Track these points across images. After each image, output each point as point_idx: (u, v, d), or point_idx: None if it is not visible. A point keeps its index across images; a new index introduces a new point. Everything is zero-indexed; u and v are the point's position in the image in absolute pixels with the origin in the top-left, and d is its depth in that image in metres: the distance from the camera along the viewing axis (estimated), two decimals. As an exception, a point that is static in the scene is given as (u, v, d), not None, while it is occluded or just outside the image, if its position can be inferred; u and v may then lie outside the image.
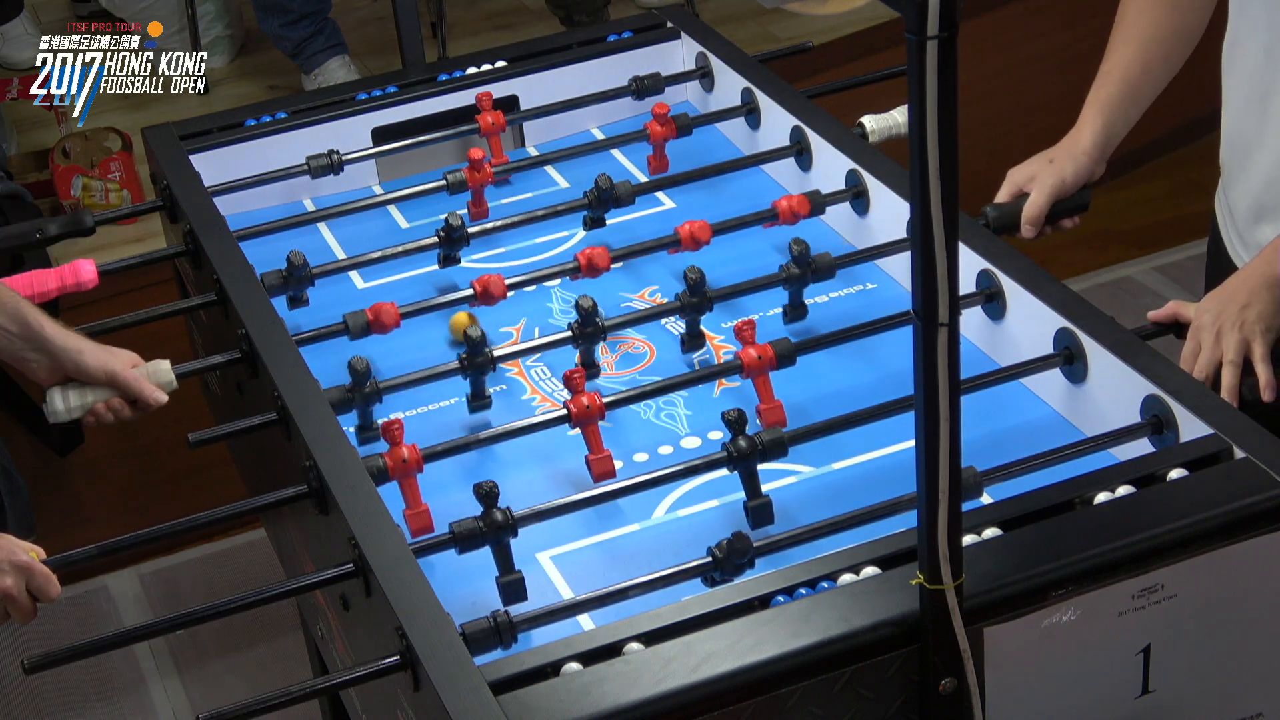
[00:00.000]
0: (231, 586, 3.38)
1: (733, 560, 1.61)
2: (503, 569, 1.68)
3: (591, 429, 1.85)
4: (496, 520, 1.67)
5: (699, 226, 2.19)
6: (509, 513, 1.68)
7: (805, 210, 2.24)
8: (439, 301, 2.14)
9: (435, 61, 2.76)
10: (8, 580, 1.71)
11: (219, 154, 2.53)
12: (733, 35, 2.81)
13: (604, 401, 1.85)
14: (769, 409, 1.91)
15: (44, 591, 1.73)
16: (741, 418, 1.74)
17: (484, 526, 1.67)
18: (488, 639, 1.54)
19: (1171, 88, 2.18)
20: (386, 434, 1.80)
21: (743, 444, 1.74)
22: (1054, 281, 1.97)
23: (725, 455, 1.74)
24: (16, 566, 1.71)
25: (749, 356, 1.91)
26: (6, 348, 1.95)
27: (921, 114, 1.24)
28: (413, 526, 1.79)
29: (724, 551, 1.61)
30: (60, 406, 1.98)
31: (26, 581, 1.72)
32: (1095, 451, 1.78)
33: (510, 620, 1.56)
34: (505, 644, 1.55)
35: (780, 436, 1.75)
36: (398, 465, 1.78)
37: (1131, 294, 3.94)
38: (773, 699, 1.47)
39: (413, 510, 1.80)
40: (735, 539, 1.61)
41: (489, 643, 1.54)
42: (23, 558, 1.71)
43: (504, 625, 1.55)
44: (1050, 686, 1.56)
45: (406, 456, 1.79)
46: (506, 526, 1.67)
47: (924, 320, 1.31)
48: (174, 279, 2.60)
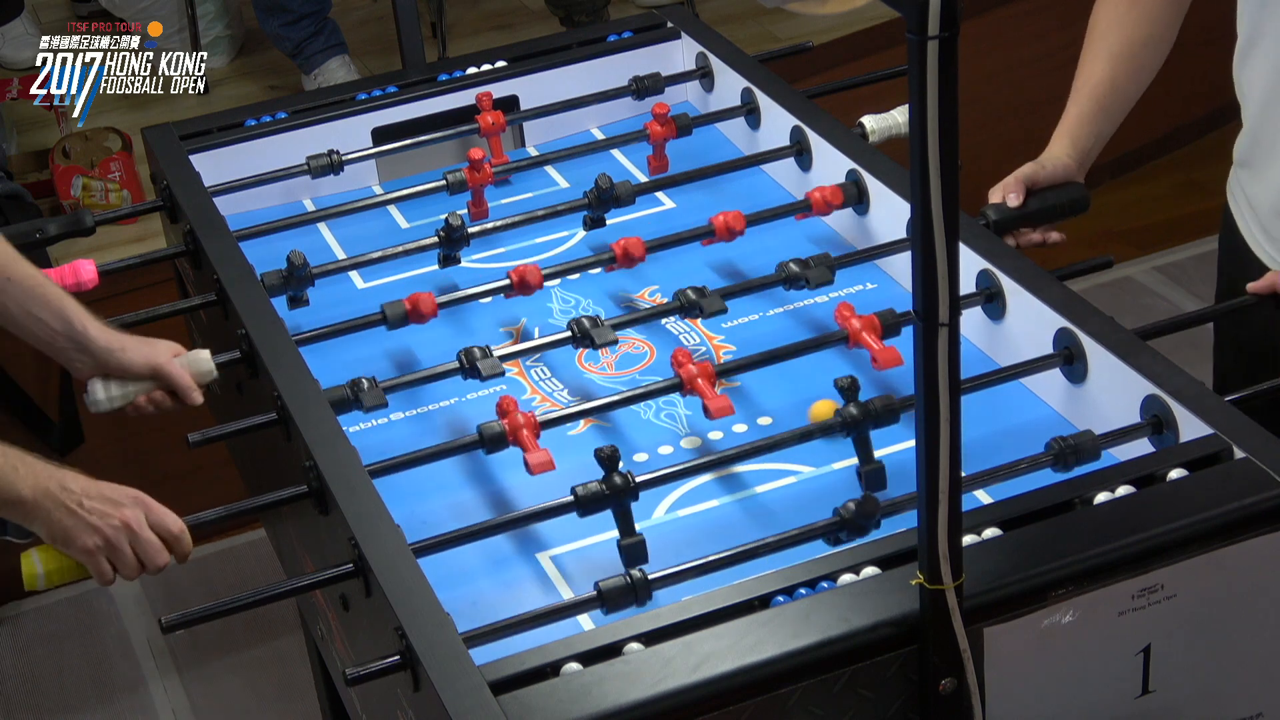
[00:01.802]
0: (231, 586, 3.38)
1: (859, 521, 1.64)
2: (624, 532, 1.71)
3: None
4: (617, 484, 1.70)
5: (734, 217, 2.19)
6: (630, 476, 1.70)
7: (839, 201, 2.24)
8: (474, 292, 2.14)
9: (435, 61, 2.76)
10: (127, 511, 1.73)
11: (219, 154, 2.53)
12: (733, 35, 2.82)
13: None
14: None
15: (164, 525, 1.74)
16: (854, 384, 1.77)
17: (606, 490, 1.70)
18: (623, 597, 1.58)
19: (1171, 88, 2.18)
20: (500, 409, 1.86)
21: (855, 411, 1.76)
22: (1054, 281, 1.97)
23: (840, 421, 1.77)
24: (134, 499, 1.74)
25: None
26: (50, 344, 1.97)
27: (921, 114, 1.24)
28: (533, 463, 1.81)
29: (851, 513, 1.63)
30: (101, 396, 1.99)
31: (146, 515, 1.74)
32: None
33: (646, 579, 1.59)
34: (640, 601, 1.58)
35: (893, 402, 1.77)
36: (515, 428, 1.83)
37: (1131, 294, 3.94)
38: (773, 699, 1.47)
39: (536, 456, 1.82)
40: (865, 500, 1.64)
41: (624, 600, 1.58)
42: (141, 494, 1.74)
43: (640, 584, 1.59)
44: (1050, 686, 1.56)
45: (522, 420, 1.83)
46: (628, 490, 1.70)
47: (924, 320, 1.31)
48: (174, 279, 2.60)
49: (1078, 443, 1.74)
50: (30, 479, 1.71)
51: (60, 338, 1.96)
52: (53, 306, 1.95)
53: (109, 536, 1.72)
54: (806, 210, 2.26)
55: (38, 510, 1.71)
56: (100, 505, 1.73)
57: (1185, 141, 4.50)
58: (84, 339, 1.96)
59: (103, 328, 1.98)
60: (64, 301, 1.96)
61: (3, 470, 1.70)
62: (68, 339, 1.96)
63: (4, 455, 1.71)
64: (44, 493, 1.71)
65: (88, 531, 1.72)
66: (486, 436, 1.83)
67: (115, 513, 1.72)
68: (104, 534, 1.72)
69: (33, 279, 1.95)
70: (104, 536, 1.72)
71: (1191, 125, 4.50)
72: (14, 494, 1.70)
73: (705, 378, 1.91)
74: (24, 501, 1.71)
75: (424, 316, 2.09)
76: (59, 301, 1.96)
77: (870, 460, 1.78)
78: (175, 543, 1.75)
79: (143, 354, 1.98)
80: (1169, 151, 4.47)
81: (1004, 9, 4.18)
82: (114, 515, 1.72)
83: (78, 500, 1.72)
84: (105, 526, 1.72)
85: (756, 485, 1.87)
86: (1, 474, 1.70)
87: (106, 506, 1.73)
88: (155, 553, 1.74)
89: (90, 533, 1.72)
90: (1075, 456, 1.73)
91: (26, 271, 1.95)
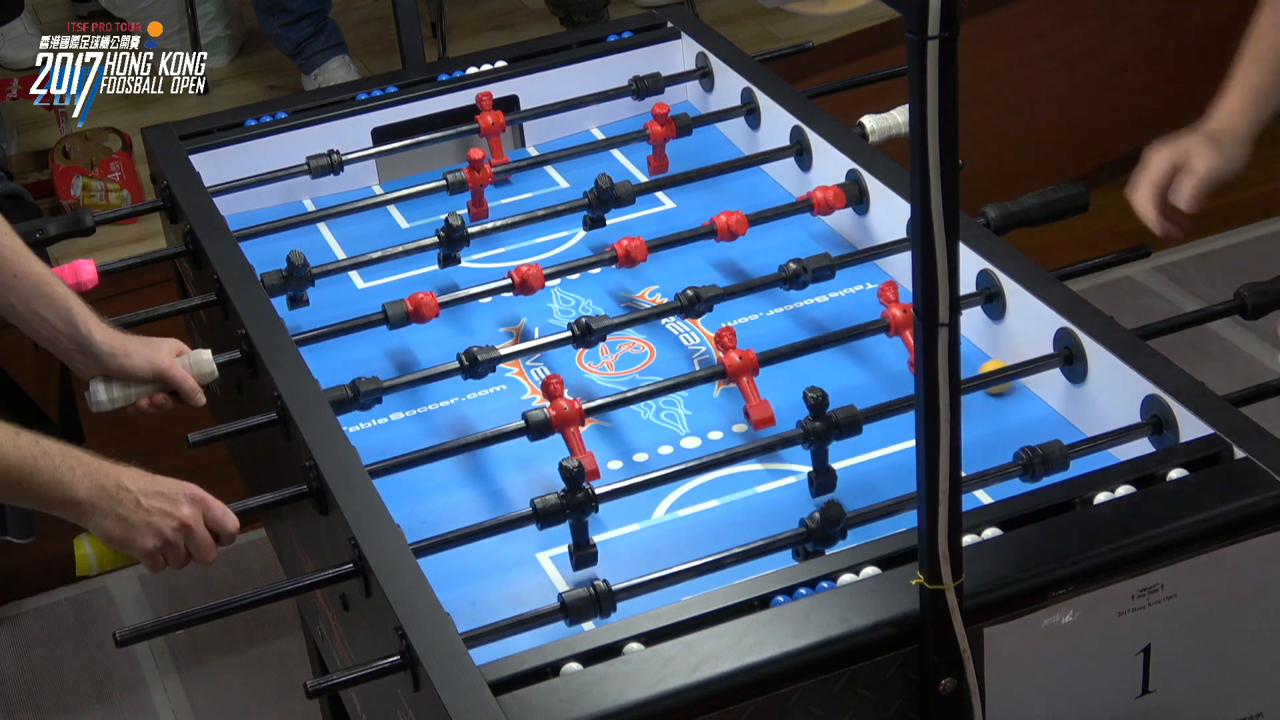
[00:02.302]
0: (231, 586, 3.38)
1: (825, 529, 1.64)
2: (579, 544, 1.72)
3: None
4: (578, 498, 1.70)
5: (735, 218, 2.19)
6: (591, 490, 1.71)
7: (841, 202, 2.24)
8: (475, 292, 2.14)
9: (435, 61, 2.76)
10: (184, 510, 1.71)
11: (219, 154, 2.53)
12: (733, 35, 2.82)
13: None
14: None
15: (222, 525, 1.74)
16: (824, 397, 1.77)
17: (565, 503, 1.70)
18: (587, 607, 1.58)
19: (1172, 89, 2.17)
20: (546, 389, 1.87)
21: (819, 424, 1.76)
22: (1054, 281, 1.97)
23: (801, 433, 1.77)
24: (192, 498, 1.73)
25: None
26: (53, 343, 1.97)
27: (921, 114, 1.24)
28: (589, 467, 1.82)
29: (816, 522, 1.64)
30: (103, 397, 1.99)
31: (204, 514, 1.73)
32: (1095, 451, 1.78)
33: (609, 589, 1.59)
34: (604, 613, 1.59)
35: (855, 414, 1.78)
36: (561, 415, 1.83)
37: (1131, 294, 3.94)
38: (773, 699, 1.47)
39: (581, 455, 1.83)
40: (829, 507, 1.64)
41: (588, 611, 1.58)
42: (198, 490, 1.73)
43: (603, 594, 1.59)
44: (1050, 686, 1.56)
45: (569, 407, 1.83)
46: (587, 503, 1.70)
47: (924, 320, 1.31)
48: (174, 279, 2.60)
49: (1046, 453, 1.73)
50: (86, 480, 1.69)
51: (63, 338, 1.96)
52: (58, 307, 1.95)
53: (167, 537, 1.72)
54: (808, 210, 2.26)
55: (94, 512, 1.70)
56: (159, 504, 1.72)
57: (1185, 141, 4.50)
58: (87, 341, 1.96)
59: (106, 330, 1.98)
60: (69, 302, 1.96)
61: (59, 470, 1.68)
62: (71, 340, 1.96)
63: (61, 455, 1.69)
64: (101, 492, 1.70)
65: (146, 532, 1.71)
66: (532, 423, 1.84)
67: (174, 511, 1.72)
68: (163, 535, 1.72)
69: (39, 277, 1.95)
70: (163, 538, 1.72)
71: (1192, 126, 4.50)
72: (69, 495, 1.69)
73: (749, 374, 1.91)
74: (79, 502, 1.70)
75: (425, 317, 2.09)
76: (64, 302, 1.96)
77: (826, 471, 1.79)
78: (228, 540, 1.76)
79: (145, 357, 1.98)
80: (1169, 151, 4.47)
81: (1004, 9, 4.18)
82: (173, 515, 1.72)
83: (135, 500, 1.71)
84: (165, 527, 1.72)
85: (756, 485, 1.86)
86: (57, 474, 1.68)
87: (165, 505, 1.72)
88: (208, 550, 1.75)
89: (149, 534, 1.71)
90: (1044, 466, 1.72)
91: (34, 270, 1.95)
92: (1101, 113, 4.35)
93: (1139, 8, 4.35)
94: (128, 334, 2.00)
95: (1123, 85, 4.37)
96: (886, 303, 1.98)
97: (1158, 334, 1.93)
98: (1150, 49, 4.38)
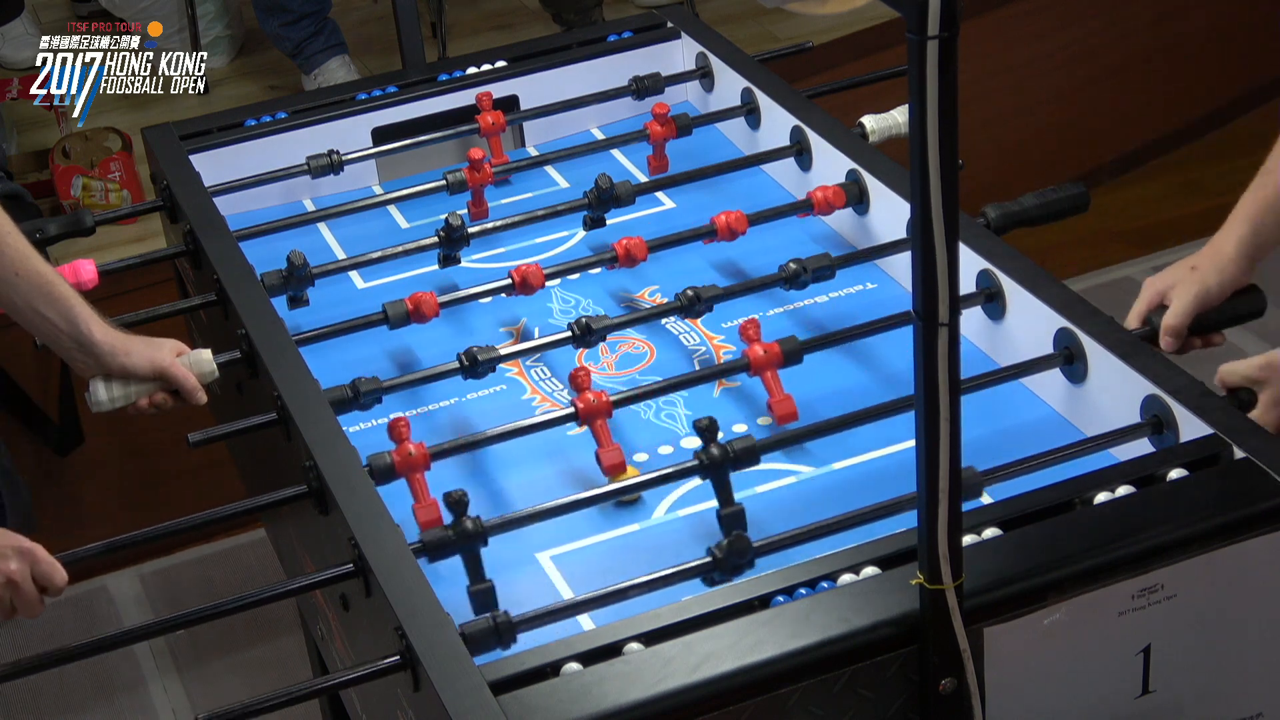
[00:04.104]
0: (231, 586, 3.38)
1: (732, 560, 1.61)
2: (473, 578, 1.66)
3: (600, 424, 1.85)
4: (467, 529, 1.65)
5: (735, 218, 2.19)
6: (479, 521, 1.65)
7: (841, 202, 2.24)
8: (475, 292, 2.14)
9: (435, 61, 2.76)
10: (11, 564, 1.68)
11: (219, 154, 2.53)
12: (733, 35, 2.82)
13: (610, 399, 1.85)
14: (779, 402, 1.92)
15: (50, 579, 1.70)
16: (713, 425, 1.72)
17: (454, 535, 1.65)
18: (487, 639, 1.54)
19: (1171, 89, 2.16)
20: (393, 432, 1.80)
21: (715, 452, 1.71)
22: (1054, 281, 1.97)
23: (697, 464, 1.72)
24: (20, 551, 1.69)
25: (755, 354, 1.91)
26: (55, 341, 1.98)
27: (921, 114, 1.24)
28: (421, 520, 1.79)
29: (723, 551, 1.61)
30: (103, 396, 1.99)
31: (32, 568, 1.69)
32: (1095, 451, 1.78)
33: (510, 620, 1.55)
34: (505, 644, 1.55)
35: (752, 444, 1.72)
36: (404, 461, 1.78)
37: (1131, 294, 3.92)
38: (772, 699, 1.47)
39: (422, 504, 1.80)
40: (735, 539, 1.61)
41: (488, 642, 1.54)
42: (27, 543, 1.69)
43: (504, 625, 1.55)
44: (1050, 686, 1.56)
45: (413, 452, 1.79)
46: (477, 535, 1.65)
47: (924, 320, 1.31)
48: (174, 279, 2.60)
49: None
50: None
51: (65, 337, 1.96)
52: (59, 306, 1.95)
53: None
54: (809, 210, 2.26)
55: None
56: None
57: (1185, 142, 4.51)
58: (88, 340, 1.96)
59: (107, 329, 1.98)
60: (71, 301, 1.96)
61: None
62: (71, 338, 1.96)
63: None
64: None
65: None
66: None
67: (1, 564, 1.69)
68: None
69: (42, 276, 1.95)
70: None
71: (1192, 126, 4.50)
72: None
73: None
74: None
75: (425, 316, 2.09)
76: (66, 301, 1.96)
77: (730, 503, 1.72)
78: (56, 593, 1.72)
79: (146, 355, 1.99)
80: (1169, 151, 4.47)
81: (1004, 9, 4.18)
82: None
83: None
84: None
85: (757, 485, 1.86)
86: None
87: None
88: (32, 605, 1.71)
89: None
90: None
91: (38, 269, 1.95)
92: (1101, 113, 4.35)
93: (1139, 8, 4.35)
94: (129, 333, 2.01)
95: (1123, 85, 4.37)
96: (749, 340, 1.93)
97: (1158, 334, 1.92)
98: (1150, 49, 4.38)
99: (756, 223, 2.22)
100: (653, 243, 2.20)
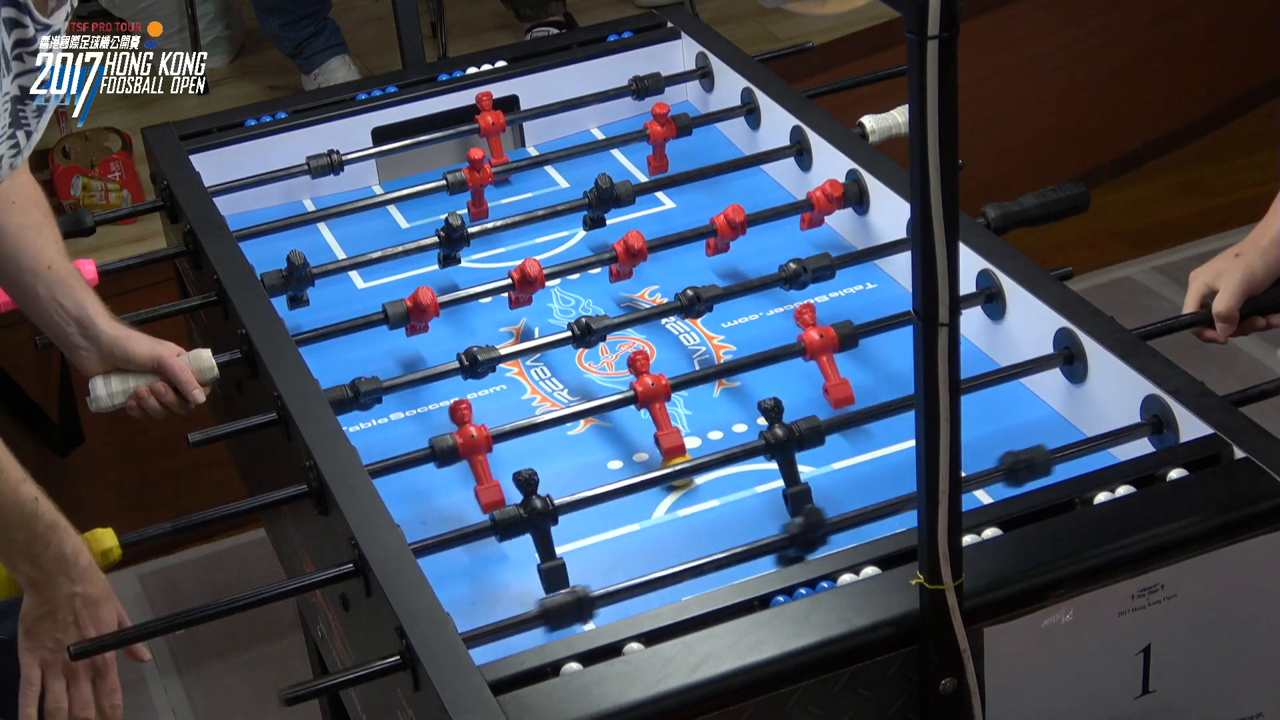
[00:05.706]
0: (231, 586, 3.38)
1: (808, 534, 1.64)
2: (544, 556, 1.71)
3: (658, 407, 1.88)
4: (537, 508, 1.69)
5: (733, 210, 2.20)
6: (549, 500, 1.69)
7: (841, 202, 2.24)
8: (475, 291, 2.14)
9: (435, 61, 2.76)
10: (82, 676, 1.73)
11: (219, 154, 2.53)
12: (733, 35, 2.82)
13: (669, 382, 1.88)
14: (836, 385, 1.94)
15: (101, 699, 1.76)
16: (778, 406, 1.76)
17: (525, 514, 1.68)
18: (567, 613, 1.57)
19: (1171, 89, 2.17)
20: (455, 414, 1.85)
21: (780, 432, 1.75)
22: (1054, 281, 1.97)
23: (764, 444, 1.76)
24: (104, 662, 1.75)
25: (811, 339, 1.93)
26: (61, 329, 2.02)
27: (921, 114, 1.24)
28: (484, 501, 1.82)
29: (799, 528, 1.64)
30: (103, 392, 2.02)
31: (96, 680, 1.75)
32: (1095, 451, 1.78)
33: (589, 595, 1.58)
34: (584, 618, 1.58)
35: (818, 425, 1.77)
36: (468, 443, 1.81)
37: (1131, 294, 3.93)
38: (772, 699, 1.47)
39: (485, 485, 1.83)
40: (810, 513, 1.65)
41: (569, 617, 1.57)
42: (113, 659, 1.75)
43: (584, 600, 1.58)
44: (1050, 686, 1.56)
45: (475, 434, 1.82)
46: (547, 513, 1.69)
47: (924, 320, 1.31)
48: (174, 279, 2.60)
49: (1030, 457, 1.72)
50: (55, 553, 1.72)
51: (71, 323, 2.00)
52: (74, 295, 2.01)
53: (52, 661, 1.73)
54: (809, 210, 2.26)
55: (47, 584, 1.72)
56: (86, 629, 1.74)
57: (1185, 142, 4.51)
58: (94, 331, 2.00)
59: (111, 320, 2.03)
60: (85, 292, 2.02)
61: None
62: (77, 325, 2.00)
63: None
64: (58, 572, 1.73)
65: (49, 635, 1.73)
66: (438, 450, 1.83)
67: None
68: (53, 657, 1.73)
69: (67, 269, 2.02)
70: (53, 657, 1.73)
71: (1192, 126, 4.50)
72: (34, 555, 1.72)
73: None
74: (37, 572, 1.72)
75: (425, 316, 2.09)
76: (80, 291, 2.02)
77: (795, 482, 1.77)
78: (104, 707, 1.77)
79: (148, 346, 2.03)
80: (1169, 151, 4.47)
81: (1004, 9, 4.18)
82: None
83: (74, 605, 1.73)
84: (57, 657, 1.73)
85: (756, 485, 1.86)
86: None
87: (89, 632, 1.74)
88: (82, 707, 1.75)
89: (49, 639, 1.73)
90: (1029, 471, 1.71)
91: (66, 267, 2.02)
92: (1101, 113, 4.35)
93: (1139, 8, 4.35)
94: (132, 328, 2.04)
95: (1123, 85, 4.37)
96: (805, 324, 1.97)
97: (1158, 334, 1.93)
98: (1150, 49, 4.38)
99: (756, 223, 2.22)
100: (652, 243, 2.19)
